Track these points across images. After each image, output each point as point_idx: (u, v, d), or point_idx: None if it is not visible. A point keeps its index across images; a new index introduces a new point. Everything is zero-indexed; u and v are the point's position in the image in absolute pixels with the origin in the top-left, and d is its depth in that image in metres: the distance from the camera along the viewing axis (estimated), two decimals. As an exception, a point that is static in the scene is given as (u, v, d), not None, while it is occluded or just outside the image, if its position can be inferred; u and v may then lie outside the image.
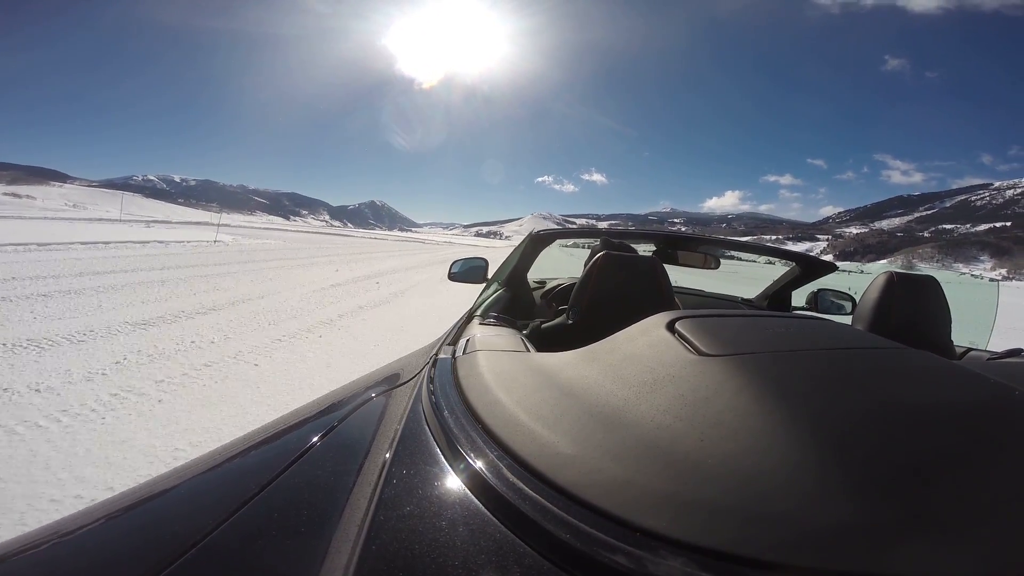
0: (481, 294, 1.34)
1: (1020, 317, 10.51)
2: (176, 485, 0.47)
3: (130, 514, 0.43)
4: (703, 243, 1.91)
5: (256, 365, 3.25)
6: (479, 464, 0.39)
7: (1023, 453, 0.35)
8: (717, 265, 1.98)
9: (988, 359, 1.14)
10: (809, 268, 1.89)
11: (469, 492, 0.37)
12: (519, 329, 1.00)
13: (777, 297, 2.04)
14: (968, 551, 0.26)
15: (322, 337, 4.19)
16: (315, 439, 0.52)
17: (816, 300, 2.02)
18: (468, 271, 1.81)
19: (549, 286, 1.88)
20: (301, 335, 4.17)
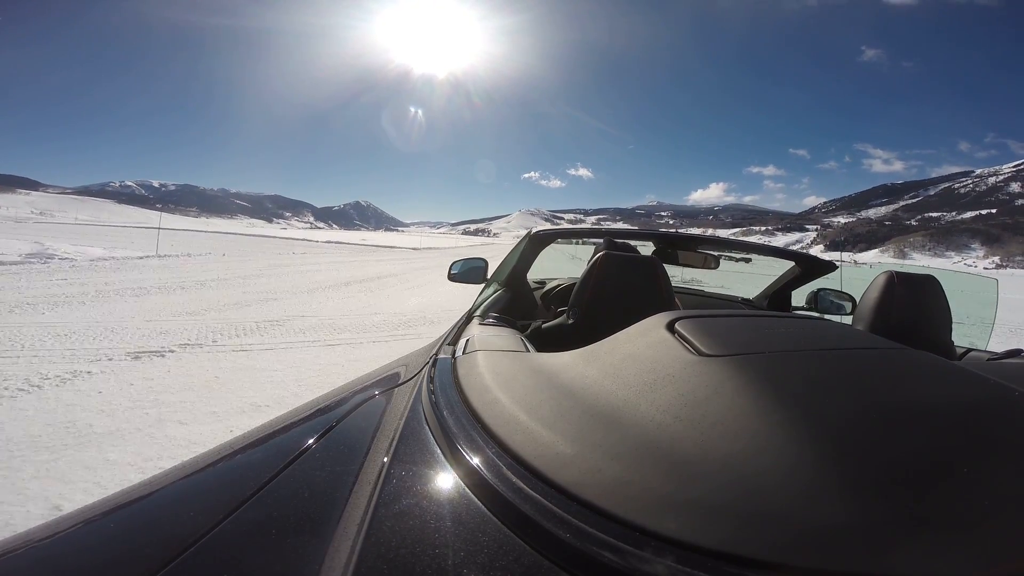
0: (481, 294, 1.32)
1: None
2: (175, 484, 0.46)
3: (129, 512, 0.42)
4: (703, 243, 1.85)
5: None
6: (479, 464, 0.39)
7: (1023, 453, 0.35)
8: (717, 265, 1.95)
9: (988, 359, 1.13)
10: (809, 268, 1.85)
11: (469, 491, 0.37)
12: (519, 329, 1.00)
13: (777, 297, 2.03)
14: (967, 551, 0.26)
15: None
16: (315, 438, 0.51)
17: (816, 300, 2.00)
18: (468, 271, 1.78)
19: (549, 286, 1.88)
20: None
